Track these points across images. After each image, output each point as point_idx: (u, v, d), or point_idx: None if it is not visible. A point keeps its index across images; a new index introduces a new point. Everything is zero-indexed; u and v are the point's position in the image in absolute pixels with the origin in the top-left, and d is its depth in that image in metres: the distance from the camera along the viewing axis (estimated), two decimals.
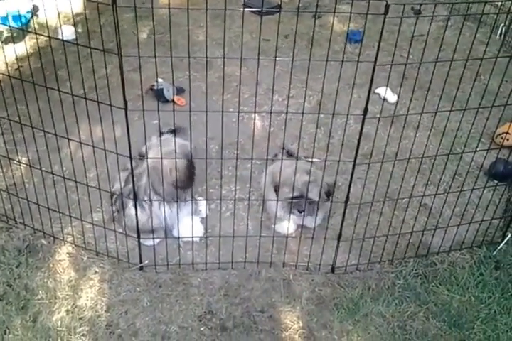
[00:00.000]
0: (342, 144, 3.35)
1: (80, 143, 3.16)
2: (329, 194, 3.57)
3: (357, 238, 3.54)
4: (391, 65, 2.75)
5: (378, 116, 2.94)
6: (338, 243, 3.41)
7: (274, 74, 2.80)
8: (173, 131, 3.38)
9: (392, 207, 3.69)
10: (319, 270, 3.55)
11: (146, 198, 3.43)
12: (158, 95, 4.74)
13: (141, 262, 3.49)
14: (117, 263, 3.54)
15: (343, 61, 2.65)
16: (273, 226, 3.79)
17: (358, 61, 2.67)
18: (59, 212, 3.59)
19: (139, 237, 3.38)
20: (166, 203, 3.48)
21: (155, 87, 4.78)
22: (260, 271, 3.53)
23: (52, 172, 3.45)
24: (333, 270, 3.54)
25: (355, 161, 3.06)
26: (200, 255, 3.58)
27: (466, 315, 3.34)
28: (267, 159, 3.21)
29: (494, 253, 3.66)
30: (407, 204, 3.63)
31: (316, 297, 3.42)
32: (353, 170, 3.09)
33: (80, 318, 3.26)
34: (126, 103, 2.82)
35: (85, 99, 2.92)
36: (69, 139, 3.19)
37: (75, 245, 3.63)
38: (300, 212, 3.50)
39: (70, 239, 3.66)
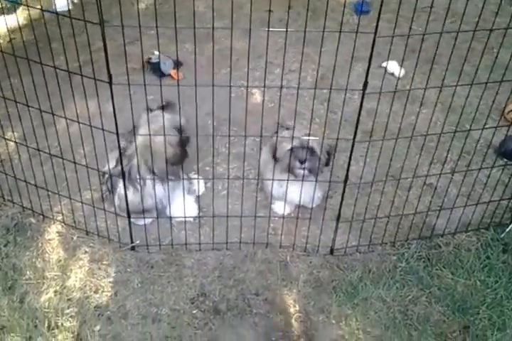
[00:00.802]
0: (340, 121, 3.21)
1: (65, 118, 3.03)
2: (329, 154, 3.38)
3: (357, 219, 3.42)
4: (392, 36, 2.59)
5: (379, 90, 2.79)
6: (338, 224, 3.30)
7: (267, 46, 2.66)
8: (162, 107, 3.25)
9: (394, 186, 3.56)
10: (317, 252, 3.45)
11: (138, 177, 3.32)
12: (155, 69, 4.59)
13: (132, 242, 3.40)
14: (108, 243, 3.45)
15: (340, 32, 2.50)
16: (270, 205, 3.67)
17: (356, 32, 2.51)
18: (47, 190, 3.50)
19: (129, 216, 3.28)
20: (159, 181, 3.36)
21: (152, 60, 4.63)
22: (256, 252, 3.44)
23: (38, 149, 3.34)
24: (332, 252, 3.44)
25: (354, 139, 2.92)
26: (194, 235, 3.49)
27: (470, 299, 3.23)
28: (261, 136, 3.05)
29: (502, 235, 3.54)
30: (410, 183, 3.48)
31: (314, 279, 3.32)
32: (353, 148, 2.96)
33: (69, 299, 3.19)
34: (110, 76, 2.69)
35: (68, 72, 2.78)
36: (54, 115, 3.06)
37: (65, 224, 3.55)
38: (301, 162, 3.26)
39: (59, 217, 3.59)
